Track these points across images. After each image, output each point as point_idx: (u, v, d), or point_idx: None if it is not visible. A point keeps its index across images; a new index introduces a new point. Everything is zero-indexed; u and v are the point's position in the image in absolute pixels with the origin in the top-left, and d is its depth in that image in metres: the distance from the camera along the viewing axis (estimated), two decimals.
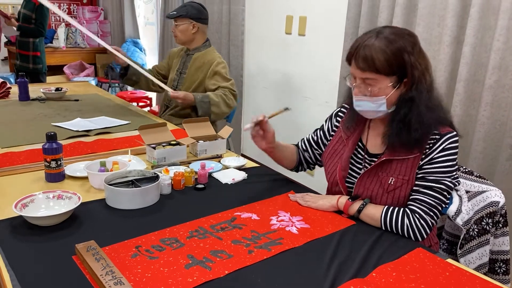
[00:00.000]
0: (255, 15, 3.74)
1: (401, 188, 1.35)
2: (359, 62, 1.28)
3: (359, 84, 1.32)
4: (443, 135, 1.32)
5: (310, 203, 1.43)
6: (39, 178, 1.57)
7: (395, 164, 1.36)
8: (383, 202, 1.38)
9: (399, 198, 1.36)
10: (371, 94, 1.31)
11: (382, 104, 1.31)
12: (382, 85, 1.29)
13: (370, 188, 1.39)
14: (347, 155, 1.46)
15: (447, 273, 1.09)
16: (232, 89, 2.55)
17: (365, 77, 1.29)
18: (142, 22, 5.99)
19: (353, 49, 1.31)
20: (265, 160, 3.85)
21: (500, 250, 1.45)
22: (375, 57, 1.25)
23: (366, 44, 1.27)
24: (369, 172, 1.40)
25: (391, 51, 1.26)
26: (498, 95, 2.05)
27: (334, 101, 2.98)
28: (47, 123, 2.28)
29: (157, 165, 1.71)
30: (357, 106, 1.36)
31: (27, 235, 1.19)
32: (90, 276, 1.01)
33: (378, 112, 1.34)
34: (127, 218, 1.31)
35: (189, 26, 2.60)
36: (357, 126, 1.48)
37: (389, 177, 1.36)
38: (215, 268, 1.07)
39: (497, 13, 1.99)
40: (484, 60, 2.09)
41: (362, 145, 1.47)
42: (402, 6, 2.35)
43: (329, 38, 3.07)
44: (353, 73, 1.33)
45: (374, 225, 1.33)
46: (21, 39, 4.36)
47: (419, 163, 1.33)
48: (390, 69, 1.27)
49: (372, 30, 1.32)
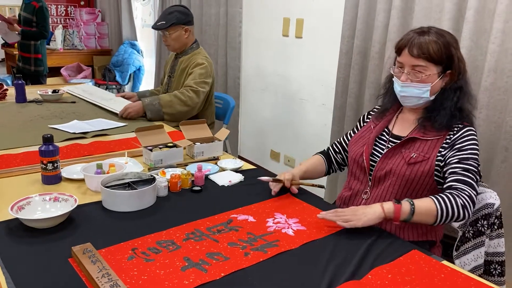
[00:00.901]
0: (253, 17, 3.75)
1: (421, 163, 1.42)
2: (414, 50, 1.40)
3: (408, 72, 1.44)
4: (465, 126, 1.44)
5: (354, 223, 1.26)
6: (36, 180, 1.57)
7: (419, 143, 1.45)
8: (402, 174, 1.43)
9: (417, 172, 1.42)
10: (419, 80, 1.42)
11: (426, 91, 1.43)
12: (430, 72, 1.41)
13: (391, 162, 1.47)
14: (374, 136, 1.57)
15: (442, 275, 1.10)
16: (193, 86, 2.49)
17: (417, 63, 1.41)
18: (139, 24, 5.98)
19: (406, 40, 1.44)
20: (261, 162, 3.86)
21: (495, 252, 1.45)
22: (430, 46, 1.39)
23: (420, 36, 1.41)
24: (393, 149, 1.49)
25: (442, 42, 1.40)
26: (494, 97, 2.06)
27: (331, 104, 2.98)
28: (43, 125, 2.28)
29: (153, 167, 1.71)
30: (402, 92, 1.46)
31: (24, 238, 1.19)
32: (86, 278, 1.02)
33: (421, 98, 1.45)
34: (123, 221, 1.31)
35: (181, 32, 2.59)
36: (386, 116, 1.59)
37: (411, 153, 1.45)
38: (211, 270, 1.07)
39: (492, 16, 2.00)
40: (480, 63, 2.10)
41: (388, 130, 1.57)
42: (398, 8, 2.36)
43: (326, 41, 3.08)
44: (403, 61, 1.44)
45: (424, 222, 1.32)
46: (22, 41, 4.37)
47: (442, 145, 1.42)
48: (440, 58, 1.40)
49: (418, 28, 1.46)
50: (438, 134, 1.44)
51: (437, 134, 1.44)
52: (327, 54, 3.08)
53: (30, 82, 4.44)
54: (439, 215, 1.29)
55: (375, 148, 1.55)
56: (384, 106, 1.60)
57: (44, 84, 4.51)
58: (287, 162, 3.62)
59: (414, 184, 1.43)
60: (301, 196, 1.54)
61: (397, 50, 1.48)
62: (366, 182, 1.54)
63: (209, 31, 4.06)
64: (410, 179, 1.43)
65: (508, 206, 2.05)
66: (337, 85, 2.84)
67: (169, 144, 1.84)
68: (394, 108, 1.58)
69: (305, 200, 1.51)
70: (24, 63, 4.41)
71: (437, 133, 1.44)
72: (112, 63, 5.76)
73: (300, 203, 1.49)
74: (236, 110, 3.89)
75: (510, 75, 2.00)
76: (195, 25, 2.83)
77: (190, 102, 2.50)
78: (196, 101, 2.53)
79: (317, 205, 1.47)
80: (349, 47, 2.73)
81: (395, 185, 1.45)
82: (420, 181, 1.43)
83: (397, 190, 1.45)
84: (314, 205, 1.47)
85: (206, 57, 2.67)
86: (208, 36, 4.07)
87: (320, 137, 3.23)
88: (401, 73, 1.46)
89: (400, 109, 1.58)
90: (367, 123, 1.67)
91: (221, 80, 3.99)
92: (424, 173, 1.41)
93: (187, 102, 2.48)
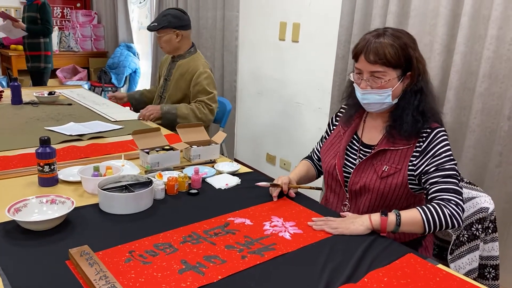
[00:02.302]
0: (249, 21, 3.76)
1: (393, 176, 1.42)
2: (370, 56, 1.37)
3: (367, 78, 1.41)
4: (434, 128, 1.41)
5: (342, 230, 1.30)
6: (32, 182, 1.57)
7: (389, 154, 1.44)
8: (376, 188, 1.43)
9: (391, 185, 1.42)
10: (379, 87, 1.40)
11: (388, 96, 1.41)
12: (389, 77, 1.38)
13: (365, 176, 1.46)
14: (344, 145, 1.55)
15: (437, 278, 1.11)
16: (208, 103, 2.54)
17: (375, 70, 1.38)
18: (136, 26, 5.98)
19: (361, 45, 1.40)
20: (257, 166, 3.86)
21: (490, 256, 1.47)
22: (386, 50, 1.36)
23: (375, 40, 1.38)
24: (365, 162, 1.48)
25: (399, 45, 1.37)
26: (488, 103, 2.08)
27: (327, 108, 3.00)
28: (40, 127, 2.28)
29: (150, 170, 1.71)
30: (364, 99, 1.44)
31: (20, 240, 1.19)
32: (84, 281, 1.02)
33: (383, 104, 1.43)
34: (120, 223, 1.31)
35: (172, 36, 2.59)
36: (354, 120, 1.57)
37: (383, 165, 1.44)
38: (208, 273, 1.07)
39: (487, 22, 2.02)
40: (475, 68, 2.12)
41: (357, 138, 1.55)
42: (394, 14, 2.38)
43: (322, 45, 3.10)
44: (361, 68, 1.42)
45: (414, 231, 1.34)
46: (31, 40, 4.46)
47: (413, 154, 1.41)
48: (398, 61, 1.37)
49: (374, 31, 1.43)
50: (407, 142, 1.42)
51: (407, 142, 1.42)
52: (324, 58, 3.09)
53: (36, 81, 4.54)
54: (426, 225, 1.30)
55: (347, 158, 1.54)
56: (349, 112, 1.58)
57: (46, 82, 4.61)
58: (283, 165, 3.63)
59: (390, 196, 1.44)
60: (297, 200, 1.55)
61: (354, 56, 1.44)
62: (343, 194, 1.55)
63: (205, 34, 4.07)
64: (385, 192, 1.43)
65: (502, 210, 2.07)
66: (333, 89, 2.86)
67: (166, 147, 1.84)
68: (359, 112, 1.56)
69: (301, 203, 1.52)
70: (34, 62, 4.50)
71: (407, 141, 1.42)
72: (108, 65, 5.75)
73: (297, 206, 1.50)
74: (232, 114, 3.90)
75: (504, 81, 2.02)
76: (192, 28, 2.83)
77: (205, 118, 2.54)
78: (210, 118, 2.59)
79: (314, 208, 1.48)
80: (345, 51, 2.75)
81: (371, 199, 1.46)
82: (395, 193, 1.43)
83: (374, 204, 1.47)
84: (311, 209, 1.48)
85: (205, 62, 2.67)
86: (205, 39, 4.08)
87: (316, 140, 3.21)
88: (360, 79, 1.43)
89: (366, 113, 1.56)
90: (336, 127, 1.66)
91: (218, 84, 3.99)
92: (398, 185, 1.42)
93: (202, 118, 2.51)
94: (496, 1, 1.95)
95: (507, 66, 2.00)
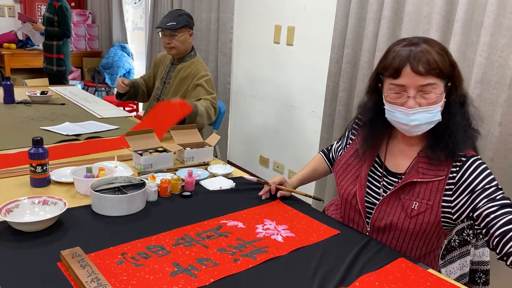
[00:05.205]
0: (244, 23, 3.77)
1: (424, 213, 1.25)
2: (419, 67, 1.16)
3: (415, 95, 1.20)
4: (469, 157, 1.25)
5: None
6: (24, 183, 1.56)
7: (419, 187, 1.27)
8: (405, 228, 1.28)
9: (422, 224, 1.26)
10: (431, 103, 1.19)
11: (437, 113, 1.21)
12: (439, 90, 1.20)
13: (391, 213, 1.30)
14: (366, 172, 1.37)
15: (428, 283, 1.12)
16: (213, 102, 2.52)
17: (426, 83, 1.18)
18: (130, 26, 5.97)
19: (403, 56, 1.19)
20: (250, 168, 3.87)
21: (481, 261, 1.48)
22: (437, 58, 1.17)
23: (416, 49, 1.18)
24: (390, 195, 1.31)
25: (443, 50, 1.20)
26: (480, 109, 2.06)
27: (321, 111, 3.01)
28: (34, 126, 2.27)
29: (143, 172, 1.71)
30: (413, 120, 1.21)
31: (12, 241, 1.18)
32: (75, 283, 1.01)
33: (431, 123, 1.23)
34: (113, 225, 1.31)
35: (187, 36, 2.57)
36: (376, 143, 1.38)
37: (412, 202, 1.27)
38: (200, 276, 1.07)
39: (479, 29, 2.04)
40: (467, 75, 2.14)
41: (380, 161, 1.38)
42: (388, 19, 2.40)
43: (317, 49, 3.12)
44: (406, 84, 1.19)
45: None
46: (45, 42, 4.48)
47: (446, 187, 1.25)
48: (448, 70, 1.20)
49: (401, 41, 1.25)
50: (438, 173, 1.26)
51: (437, 173, 1.26)
52: (318, 62, 3.11)
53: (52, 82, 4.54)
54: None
55: (368, 186, 1.37)
56: (376, 138, 1.37)
57: (67, 83, 4.61)
58: (276, 168, 3.63)
59: (420, 235, 1.29)
60: (290, 203, 1.56)
61: (393, 72, 1.21)
62: (363, 226, 1.40)
63: (200, 36, 4.07)
64: (414, 232, 1.28)
65: None
66: (327, 92, 2.87)
67: (159, 148, 1.84)
68: (385, 134, 1.38)
69: (294, 207, 1.52)
70: (47, 64, 4.53)
71: (436, 171, 1.26)
72: (102, 65, 5.73)
73: (289, 210, 1.50)
74: (226, 116, 3.90)
75: (496, 87, 2.04)
76: None
77: (214, 117, 2.53)
78: (214, 118, 2.57)
79: (306, 212, 1.49)
80: (339, 55, 2.76)
81: (399, 238, 1.31)
82: (426, 231, 1.28)
83: (402, 244, 1.32)
84: (304, 212, 1.48)
85: (205, 66, 2.65)
86: (199, 41, 4.08)
87: (309, 143, 3.25)
88: (405, 98, 1.21)
89: (390, 132, 1.38)
90: (352, 143, 1.49)
91: None
92: (430, 223, 1.26)
93: (211, 117, 2.49)
94: (488, 7, 1.97)
95: (499, 73, 2.02)
